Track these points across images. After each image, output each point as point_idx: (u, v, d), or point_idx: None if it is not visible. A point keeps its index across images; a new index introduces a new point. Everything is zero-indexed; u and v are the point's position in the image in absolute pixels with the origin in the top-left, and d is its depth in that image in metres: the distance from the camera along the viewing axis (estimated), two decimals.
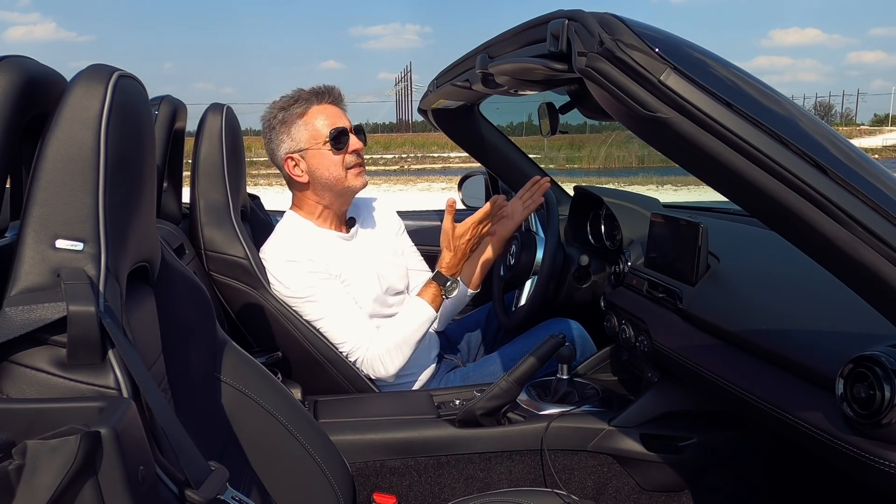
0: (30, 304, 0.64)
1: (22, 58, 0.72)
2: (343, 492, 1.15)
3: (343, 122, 1.74)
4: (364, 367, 1.71)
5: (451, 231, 1.75)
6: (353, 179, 1.76)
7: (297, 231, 1.76)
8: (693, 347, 1.35)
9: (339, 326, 1.70)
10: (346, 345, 1.70)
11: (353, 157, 1.75)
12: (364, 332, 1.70)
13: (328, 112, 1.74)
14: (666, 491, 1.54)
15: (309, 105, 1.73)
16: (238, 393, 1.04)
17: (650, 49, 0.75)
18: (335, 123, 1.73)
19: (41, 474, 0.53)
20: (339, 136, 1.72)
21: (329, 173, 1.74)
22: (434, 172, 20.16)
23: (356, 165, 1.76)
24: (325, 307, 1.69)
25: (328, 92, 1.75)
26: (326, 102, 1.75)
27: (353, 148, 1.74)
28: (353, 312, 1.71)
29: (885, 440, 0.86)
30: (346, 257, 1.76)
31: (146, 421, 0.67)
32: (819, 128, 0.79)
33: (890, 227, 0.73)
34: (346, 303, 1.71)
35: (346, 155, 1.74)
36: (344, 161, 1.73)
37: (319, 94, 1.74)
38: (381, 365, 1.69)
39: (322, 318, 1.70)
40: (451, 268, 1.76)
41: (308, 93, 1.74)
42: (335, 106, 1.76)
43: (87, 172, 0.68)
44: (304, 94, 1.74)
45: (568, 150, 17.50)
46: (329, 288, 1.70)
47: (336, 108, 1.76)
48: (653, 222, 1.63)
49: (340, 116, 1.75)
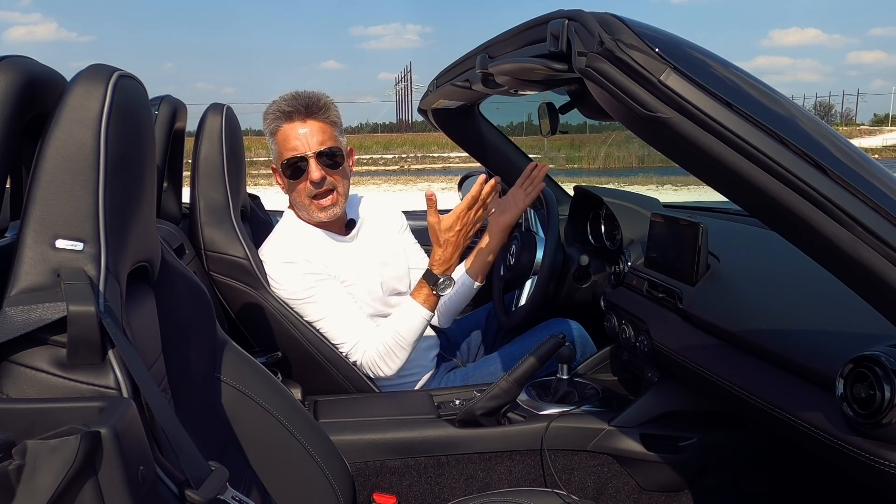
0: (30, 304, 0.64)
1: (22, 58, 0.72)
2: (343, 492, 1.15)
3: (305, 147, 1.63)
4: (364, 367, 1.70)
5: (437, 224, 1.64)
6: (317, 211, 1.68)
7: (295, 232, 1.75)
8: (693, 347, 1.35)
9: (339, 326, 1.69)
10: (345, 345, 1.70)
11: (312, 188, 1.65)
12: (363, 332, 1.69)
13: (293, 134, 1.64)
14: (666, 491, 1.54)
15: (279, 124, 1.65)
16: (238, 393, 1.04)
17: (650, 49, 0.75)
18: (294, 150, 1.63)
19: (41, 474, 0.53)
20: (293, 166, 1.65)
21: (295, 198, 1.71)
22: (434, 172, 20.15)
23: (318, 196, 1.67)
24: (324, 308, 1.69)
25: (298, 109, 1.64)
26: (297, 120, 1.64)
27: (311, 178, 1.64)
28: (353, 312, 1.70)
29: (885, 440, 0.86)
30: (343, 258, 1.75)
31: (146, 421, 0.67)
32: (819, 128, 0.79)
33: (890, 227, 0.73)
34: (345, 303, 1.70)
35: (305, 183, 1.66)
36: (306, 190, 1.67)
37: (288, 112, 1.64)
38: (377, 366, 1.68)
39: (321, 319, 1.69)
40: (443, 264, 1.66)
41: (280, 108, 1.65)
42: (308, 122, 1.64)
43: (87, 172, 0.68)
44: (278, 108, 1.65)
45: (568, 150, 17.49)
46: (327, 288, 1.69)
47: (309, 126, 1.64)
48: (653, 222, 1.63)
49: (308, 138, 1.64)
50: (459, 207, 1.65)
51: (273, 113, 1.66)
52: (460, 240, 1.66)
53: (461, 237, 1.65)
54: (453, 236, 1.64)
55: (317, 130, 1.65)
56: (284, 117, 1.65)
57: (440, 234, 1.65)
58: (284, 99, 1.67)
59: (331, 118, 1.68)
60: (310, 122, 1.65)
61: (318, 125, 1.66)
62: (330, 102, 1.69)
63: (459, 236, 1.65)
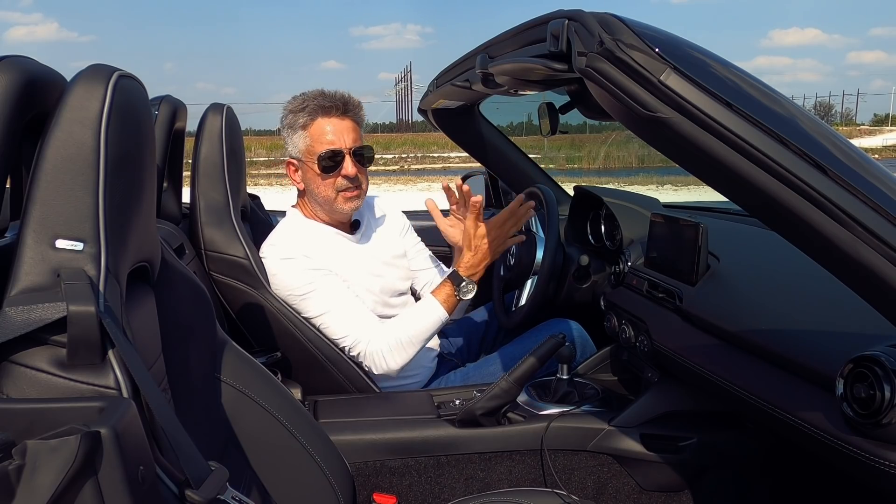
0: (30, 304, 0.64)
1: (22, 58, 0.72)
2: (343, 492, 1.15)
3: (342, 143, 1.67)
4: (366, 362, 1.68)
5: (474, 230, 1.68)
6: (343, 203, 1.71)
7: (296, 228, 1.75)
8: (693, 347, 1.35)
9: (340, 320, 1.67)
10: (347, 338, 1.68)
11: (345, 182, 1.68)
12: (366, 325, 1.68)
13: (330, 128, 1.67)
14: (666, 491, 1.54)
15: (314, 117, 1.67)
16: (238, 393, 1.04)
17: (650, 49, 0.75)
18: (332, 144, 1.66)
19: (41, 474, 0.53)
20: (330, 159, 1.66)
21: (319, 192, 1.71)
22: (434, 172, 20.14)
23: (348, 189, 1.70)
24: (324, 302, 1.67)
25: (337, 105, 1.67)
26: (334, 116, 1.67)
27: (346, 173, 1.67)
28: (355, 306, 1.69)
29: (885, 440, 0.86)
30: (346, 256, 1.75)
31: (146, 421, 0.67)
32: (819, 128, 0.79)
33: (890, 227, 0.73)
34: (346, 296, 1.69)
35: (337, 178, 1.68)
36: (335, 184, 1.69)
37: (327, 107, 1.66)
38: (383, 360, 1.66)
39: (322, 314, 1.68)
40: (470, 268, 1.69)
41: (317, 103, 1.67)
42: (345, 119, 1.68)
43: (87, 172, 0.68)
44: (314, 102, 1.67)
45: (568, 150, 17.49)
46: (328, 283, 1.68)
47: (344, 123, 1.68)
48: (653, 222, 1.63)
49: (344, 134, 1.67)
50: (498, 219, 1.70)
51: (308, 107, 1.67)
52: (490, 250, 1.69)
53: (492, 247, 1.69)
54: (485, 245, 1.68)
55: (352, 128, 1.69)
56: (321, 111, 1.67)
57: (473, 240, 1.69)
58: (314, 96, 1.68)
59: (361, 118, 1.73)
60: (346, 119, 1.69)
61: (352, 123, 1.70)
62: (360, 103, 1.73)
63: (491, 246, 1.69)
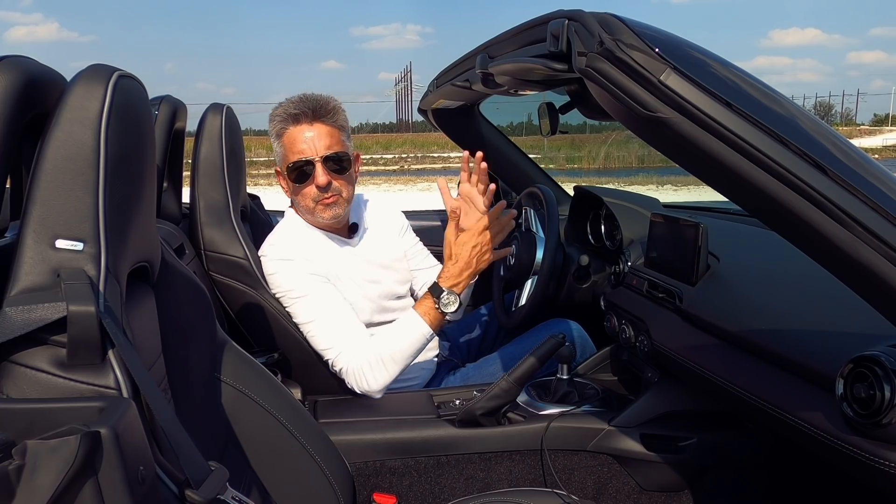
0: (30, 304, 0.64)
1: (22, 58, 0.72)
2: (343, 492, 1.15)
3: (312, 151, 1.61)
4: (347, 378, 1.61)
5: (453, 237, 1.62)
6: (322, 212, 1.67)
7: (297, 231, 1.73)
8: (693, 347, 1.35)
9: (326, 331, 1.62)
10: (330, 351, 1.62)
11: (318, 192, 1.64)
12: (350, 341, 1.60)
13: (300, 137, 1.62)
14: (666, 491, 1.54)
15: (286, 126, 1.63)
16: (238, 393, 1.04)
17: (650, 49, 0.75)
18: (301, 153, 1.61)
19: (41, 474, 0.53)
20: (300, 169, 1.62)
21: (298, 201, 1.69)
22: (434, 172, 20.13)
23: (323, 199, 1.65)
24: (314, 310, 1.63)
25: (305, 112, 1.61)
26: (304, 123, 1.62)
27: (317, 182, 1.62)
28: (344, 318, 1.63)
29: (885, 440, 0.86)
30: (343, 260, 1.73)
31: (146, 421, 0.67)
32: (819, 128, 0.79)
33: (890, 227, 0.73)
34: (336, 308, 1.63)
35: (310, 188, 1.64)
36: (310, 194, 1.65)
37: (295, 115, 1.61)
38: (363, 378, 1.58)
39: (310, 321, 1.64)
40: (450, 279, 1.59)
41: (288, 111, 1.62)
42: (316, 125, 1.62)
43: (87, 172, 0.68)
44: (287, 110, 1.62)
45: (568, 150, 17.49)
46: (322, 291, 1.64)
47: (316, 129, 1.62)
48: (653, 222, 1.63)
49: (315, 141, 1.61)
50: (479, 224, 1.60)
51: (280, 115, 1.63)
52: (472, 258, 1.59)
53: (474, 255, 1.59)
54: (466, 253, 1.59)
55: (324, 134, 1.62)
56: (291, 120, 1.62)
57: (452, 247, 1.61)
58: (292, 101, 1.64)
59: (339, 122, 1.66)
60: (317, 126, 1.62)
61: (325, 129, 1.63)
62: (338, 106, 1.66)
63: (472, 253, 1.59)
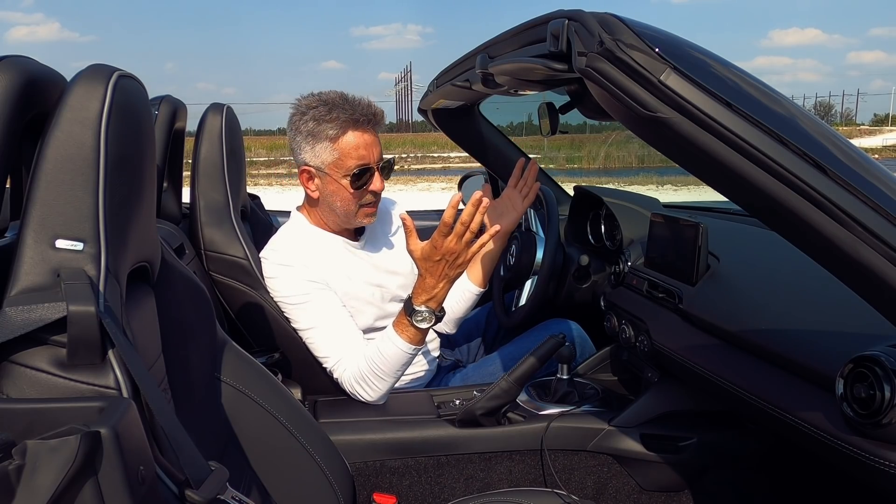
0: (30, 304, 0.64)
1: (22, 58, 0.72)
2: (343, 492, 1.15)
3: (372, 157, 1.61)
4: (345, 387, 1.61)
5: (415, 254, 1.49)
6: (363, 217, 1.67)
7: (301, 235, 1.71)
8: (693, 347, 1.35)
9: (325, 339, 1.61)
10: (328, 360, 1.62)
11: (370, 197, 1.65)
12: (348, 351, 1.59)
13: (362, 143, 1.59)
14: (666, 491, 1.54)
15: (345, 130, 1.58)
16: (238, 393, 1.04)
17: (650, 49, 0.75)
18: (363, 159, 1.60)
19: (41, 474, 0.53)
20: (362, 175, 1.61)
21: (340, 204, 1.65)
22: (434, 172, 20.14)
23: (370, 205, 1.66)
24: (313, 317, 1.62)
25: (368, 118, 1.59)
26: (366, 129, 1.60)
27: (374, 188, 1.63)
28: (343, 327, 1.62)
29: (885, 440, 0.86)
30: (346, 265, 1.71)
31: (146, 421, 0.67)
32: (819, 128, 0.79)
33: (890, 227, 0.73)
34: (336, 316, 1.62)
35: (365, 193, 1.64)
36: (360, 198, 1.64)
37: (358, 120, 1.58)
38: (360, 389, 1.57)
39: (310, 328, 1.63)
40: (421, 294, 1.50)
41: (347, 114, 1.57)
42: (370, 131, 1.62)
43: (87, 172, 0.68)
44: (344, 113, 1.57)
45: (568, 150, 17.51)
46: (322, 298, 1.62)
47: (372, 138, 1.62)
48: (653, 222, 1.63)
49: (372, 148, 1.61)
50: (433, 238, 1.47)
51: (337, 117, 1.57)
52: (443, 270, 1.47)
53: (442, 267, 1.47)
54: (431, 266, 1.47)
55: (377, 142, 1.64)
56: (352, 124, 1.58)
57: (418, 262, 1.50)
58: (338, 103, 1.59)
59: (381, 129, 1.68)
60: (371, 132, 1.63)
61: (376, 137, 1.65)
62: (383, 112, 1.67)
63: (440, 266, 1.47)
